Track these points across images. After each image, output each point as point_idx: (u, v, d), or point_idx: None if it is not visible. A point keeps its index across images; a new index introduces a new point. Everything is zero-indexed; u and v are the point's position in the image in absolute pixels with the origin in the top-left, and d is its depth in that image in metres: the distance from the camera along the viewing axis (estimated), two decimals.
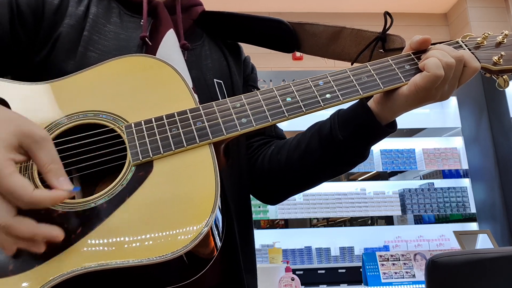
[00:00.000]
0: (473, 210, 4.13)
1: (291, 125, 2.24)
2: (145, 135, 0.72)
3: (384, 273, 3.00)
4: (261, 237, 3.82)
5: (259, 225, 3.97)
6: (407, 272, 3.02)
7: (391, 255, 3.09)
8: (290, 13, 5.03)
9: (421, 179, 4.38)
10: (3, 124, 0.60)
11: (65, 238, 0.63)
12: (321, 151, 0.88)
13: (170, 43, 0.92)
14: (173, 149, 0.71)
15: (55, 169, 0.60)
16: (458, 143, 4.34)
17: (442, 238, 4.11)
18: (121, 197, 0.67)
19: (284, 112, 0.76)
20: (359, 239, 4.12)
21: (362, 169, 4.17)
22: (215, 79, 0.96)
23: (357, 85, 0.79)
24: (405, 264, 3.05)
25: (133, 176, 0.69)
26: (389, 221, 4.15)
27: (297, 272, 3.44)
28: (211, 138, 0.73)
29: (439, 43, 0.84)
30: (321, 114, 0.85)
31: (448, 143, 4.37)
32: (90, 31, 0.88)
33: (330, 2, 5.04)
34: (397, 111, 0.81)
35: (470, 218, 4.11)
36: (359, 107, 0.84)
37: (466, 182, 4.23)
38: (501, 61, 0.83)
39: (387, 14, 0.89)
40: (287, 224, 4.05)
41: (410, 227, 4.14)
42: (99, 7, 0.92)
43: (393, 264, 3.04)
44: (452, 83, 0.79)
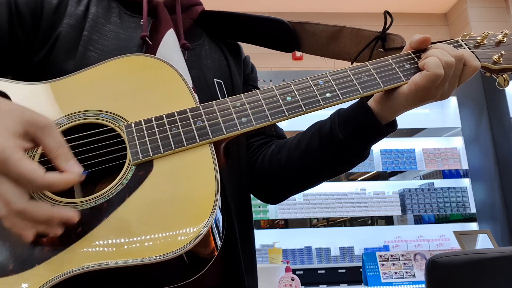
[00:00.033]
0: (473, 210, 4.13)
1: (291, 125, 2.24)
2: (145, 134, 0.72)
3: (384, 273, 3.00)
4: (261, 237, 3.82)
5: (259, 225, 3.97)
6: (407, 272, 3.01)
7: (391, 255, 3.08)
8: (290, 13, 5.03)
9: (421, 179, 4.38)
10: (7, 114, 0.60)
11: (65, 237, 0.63)
12: (321, 151, 0.88)
13: (170, 43, 0.92)
14: (173, 148, 0.71)
15: (63, 153, 0.61)
16: (458, 143, 4.34)
17: (442, 238, 4.11)
18: (121, 197, 0.67)
19: (284, 111, 0.76)
20: (359, 239, 4.12)
21: (362, 169, 4.17)
22: (215, 79, 0.96)
23: (357, 84, 0.79)
24: (405, 264, 3.05)
25: (133, 175, 0.69)
26: (389, 221, 4.15)
27: (297, 272, 3.44)
28: (211, 137, 0.72)
29: (439, 42, 0.84)
30: (322, 113, 0.85)
31: (448, 143, 4.37)
32: (90, 31, 0.87)
33: (330, 2, 5.04)
34: (397, 110, 0.81)
35: (470, 218, 4.11)
36: (359, 107, 0.84)
37: (466, 182, 4.23)
38: (501, 60, 0.83)
39: (387, 13, 0.89)
40: (287, 224, 4.04)
41: (410, 227, 4.14)
42: (99, 7, 0.92)
43: (393, 264, 3.04)
44: (452, 82, 0.79)
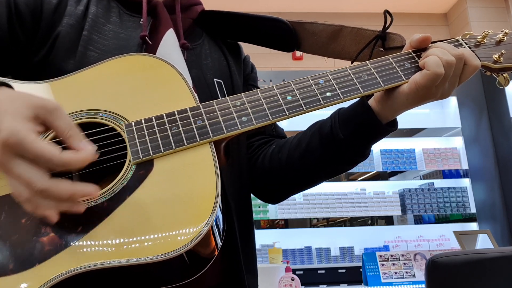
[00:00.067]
0: (473, 210, 4.13)
1: (291, 124, 2.25)
2: (146, 133, 0.72)
3: (384, 273, 3.00)
4: (261, 237, 3.82)
5: (259, 225, 3.96)
6: (407, 272, 3.01)
7: (391, 255, 3.08)
8: (290, 13, 5.03)
9: (421, 179, 4.38)
10: (14, 100, 0.61)
11: (65, 237, 0.63)
12: (322, 150, 0.88)
13: (170, 43, 0.92)
14: (174, 147, 0.71)
15: (75, 133, 0.62)
16: (458, 143, 4.33)
17: (442, 238, 4.11)
18: (122, 196, 0.67)
19: (284, 110, 0.76)
20: (359, 239, 4.11)
21: (362, 169, 4.17)
22: (215, 79, 0.96)
23: (357, 83, 0.78)
24: (405, 264, 3.04)
25: (134, 174, 0.69)
26: (389, 221, 4.15)
27: (297, 272, 3.43)
28: (212, 136, 0.72)
29: (440, 41, 0.84)
30: (322, 113, 0.85)
31: (448, 143, 4.36)
32: (89, 31, 0.87)
33: (330, 2, 5.04)
34: (398, 109, 0.81)
35: (470, 218, 4.11)
36: (360, 106, 0.84)
37: (466, 182, 4.22)
38: (501, 59, 0.83)
39: (387, 12, 0.89)
40: (287, 224, 4.04)
41: (410, 227, 4.13)
42: (99, 7, 0.92)
43: (393, 264, 3.04)
44: (452, 81, 0.78)
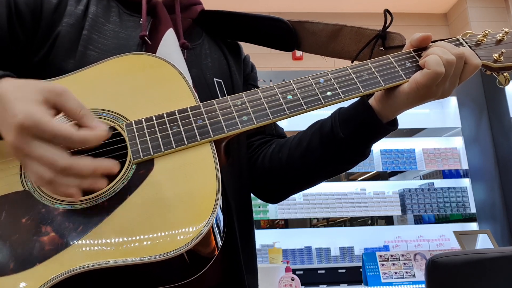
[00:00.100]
0: (473, 210, 4.13)
1: (291, 124, 2.24)
2: (146, 133, 0.72)
3: (384, 273, 3.00)
4: (261, 237, 3.81)
5: (259, 225, 3.96)
6: (407, 272, 3.01)
7: (391, 255, 3.08)
8: (290, 13, 5.03)
9: (421, 179, 4.38)
10: (23, 87, 0.63)
11: (65, 236, 0.63)
12: (322, 149, 0.88)
13: (169, 42, 0.92)
14: (174, 147, 0.71)
15: (87, 113, 0.63)
16: (458, 143, 4.33)
17: (442, 238, 4.11)
18: (122, 195, 0.67)
19: (285, 109, 0.76)
20: (359, 239, 4.11)
21: (362, 169, 4.17)
22: (215, 78, 0.96)
23: (358, 82, 0.78)
24: (405, 264, 3.05)
25: (134, 174, 0.69)
26: (389, 221, 4.14)
27: (297, 272, 3.43)
28: (212, 136, 0.72)
29: (440, 40, 0.84)
30: (322, 113, 0.85)
31: (448, 143, 4.36)
32: (89, 30, 0.87)
33: (330, 2, 5.04)
34: (398, 108, 0.81)
35: (470, 218, 4.11)
36: (360, 105, 0.84)
37: (466, 182, 4.22)
38: (501, 58, 0.83)
39: (387, 12, 0.89)
40: (287, 224, 4.04)
41: (410, 227, 4.13)
42: (98, 6, 0.92)
43: (393, 264, 3.04)
44: (452, 81, 0.78)
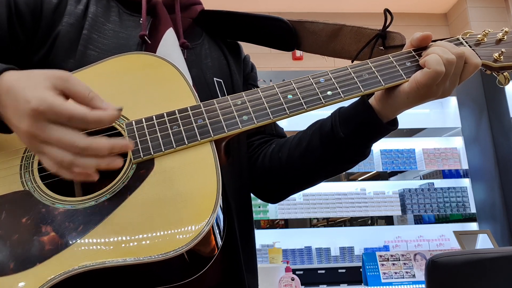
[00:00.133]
0: (473, 210, 4.12)
1: (291, 124, 2.24)
2: (146, 132, 0.72)
3: (384, 273, 3.00)
4: (261, 237, 3.81)
5: (259, 225, 3.96)
6: (407, 272, 3.01)
7: (391, 255, 3.08)
8: (290, 13, 5.03)
9: (421, 179, 4.38)
10: (29, 76, 0.64)
11: (66, 236, 0.63)
12: (322, 149, 0.88)
13: (169, 42, 0.91)
14: (174, 146, 0.71)
15: (95, 95, 0.64)
16: (458, 143, 4.33)
17: (442, 238, 4.11)
18: (123, 195, 0.66)
19: (285, 109, 0.76)
20: (359, 239, 4.11)
21: (362, 169, 4.17)
22: (215, 78, 0.96)
23: (358, 82, 0.78)
24: (405, 264, 3.04)
25: (135, 174, 0.69)
26: (389, 221, 4.14)
27: (297, 272, 3.43)
28: (212, 135, 0.72)
29: (440, 40, 0.84)
30: (322, 113, 0.85)
31: (448, 143, 4.36)
32: (89, 30, 0.87)
33: (330, 2, 5.04)
34: (399, 108, 0.81)
35: (470, 218, 4.11)
36: (360, 105, 0.84)
37: (466, 182, 4.22)
38: (501, 58, 0.83)
39: (387, 11, 0.89)
40: (287, 224, 4.04)
41: (410, 227, 4.13)
42: (98, 6, 0.92)
43: (393, 264, 3.04)
44: (453, 80, 0.78)
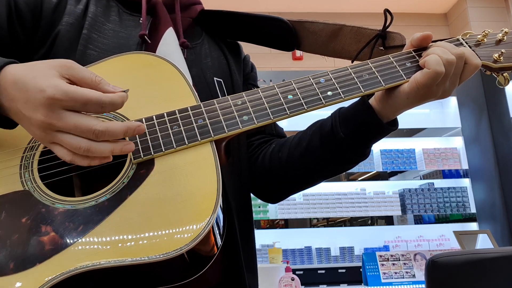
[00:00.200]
0: (473, 210, 4.13)
1: (291, 124, 2.24)
2: (147, 132, 0.72)
3: (384, 273, 3.00)
4: (261, 237, 3.81)
5: (259, 225, 3.96)
6: (407, 272, 3.01)
7: (391, 255, 3.08)
8: (290, 13, 5.03)
9: (421, 179, 4.38)
10: (34, 66, 0.65)
11: (66, 236, 0.63)
12: (322, 149, 0.88)
13: (169, 41, 0.91)
14: (175, 146, 0.71)
15: (102, 79, 0.64)
16: (458, 143, 4.33)
17: (442, 238, 4.11)
18: (123, 195, 0.66)
19: (285, 109, 0.76)
20: (359, 239, 4.11)
21: (362, 169, 4.17)
22: (215, 78, 0.96)
23: (358, 82, 0.78)
24: (405, 264, 3.05)
25: (135, 174, 0.68)
26: (389, 221, 4.15)
27: (297, 272, 3.43)
28: (213, 135, 0.72)
29: (440, 40, 0.84)
30: (322, 113, 0.85)
31: (448, 143, 4.36)
32: (89, 29, 0.87)
33: (330, 2, 5.04)
34: (399, 108, 0.81)
35: (470, 218, 4.11)
36: (361, 105, 0.84)
37: (466, 182, 4.22)
38: (501, 58, 0.83)
39: (387, 11, 0.89)
40: (287, 224, 4.04)
41: (410, 227, 4.13)
42: (98, 6, 0.92)
43: (393, 264, 3.04)
44: (453, 80, 0.78)
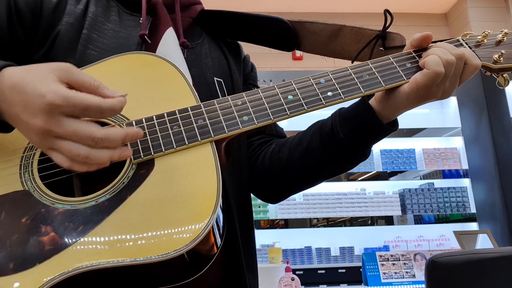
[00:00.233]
0: (473, 210, 4.12)
1: (291, 124, 2.24)
2: (147, 132, 0.72)
3: (384, 273, 3.00)
4: (261, 237, 3.81)
5: (259, 225, 3.96)
6: (407, 272, 3.01)
7: (391, 255, 3.08)
8: (290, 13, 5.03)
9: (421, 179, 4.38)
10: (32, 70, 0.64)
11: (66, 236, 0.63)
12: (322, 149, 0.88)
13: (169, 41, 0.91)
14: (175, 146, 0.71)
15: (100, 83, 0.64)
16: (458, 143, 4.33)
17: (442, 238, 4.11)
18: (123, 195, 0.66)
19: (285, 110, 0.76)
20: (359, 239, 4.11)
21: (362, 169, 4.17)
22: (215, 78, 0.96)
23: (358, 83, 0.78)
24: (405, 264, 3.05)
25: (135, 174, 0.69)
26: (389, 221, 4.15)
27: (297, 272, 3.43)
28: (213, 136, 0.72)
29: (440, 41, 0.84)
30: (322, 113, 0.85)
31: (448, 143, 4.36)
32: (89, 29, 0.87)
33: (330, 2, 5.04)
34: (399, 109, 0.81)
35: (470, 218, 4.11)
36: (361, 105, 0.84)
37: (466, 182, 4.22)
38: (501, 59, 0.83)
39: (387, 12, 0.89)
40: (287, 224, 4.04)
41: (410, 227, 4.13)
42: (98, 6, 0.92)
43: (393, 264, 3.04)
44: (453, 81, 0.78)
